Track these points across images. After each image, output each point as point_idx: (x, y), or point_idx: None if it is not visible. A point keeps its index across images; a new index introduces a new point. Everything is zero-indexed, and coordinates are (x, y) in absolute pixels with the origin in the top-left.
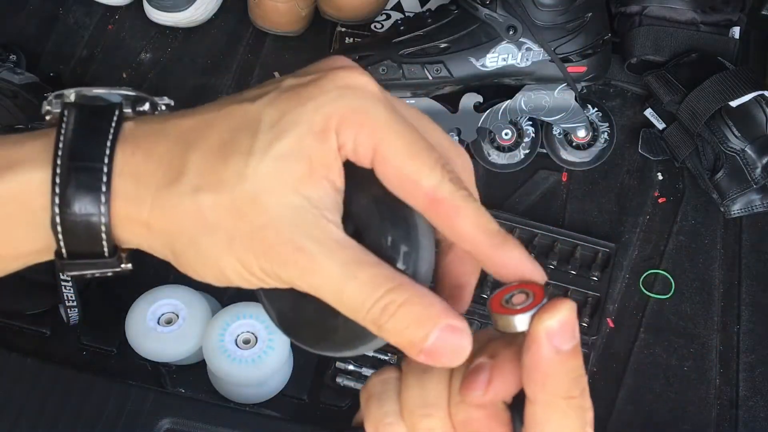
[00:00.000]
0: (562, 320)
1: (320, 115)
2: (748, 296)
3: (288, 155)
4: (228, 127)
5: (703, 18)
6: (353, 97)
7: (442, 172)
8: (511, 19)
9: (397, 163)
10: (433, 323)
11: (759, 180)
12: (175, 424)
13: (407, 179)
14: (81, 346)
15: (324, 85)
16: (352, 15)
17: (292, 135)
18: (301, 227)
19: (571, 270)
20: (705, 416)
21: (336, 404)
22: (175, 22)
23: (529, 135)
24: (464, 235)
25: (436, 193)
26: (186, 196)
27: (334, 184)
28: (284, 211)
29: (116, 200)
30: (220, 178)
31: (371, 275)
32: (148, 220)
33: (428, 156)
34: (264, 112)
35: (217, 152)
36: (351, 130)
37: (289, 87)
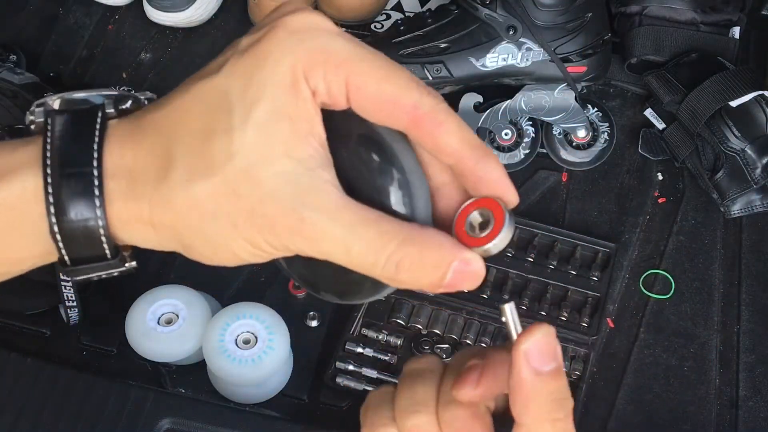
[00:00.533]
0: (538, 342)
1: (284, 68)
2: (748, 296)
3: (267, 120)
4: (202, 109)
5: (703, 18)
6: (309, 38)
7: (419, 89)
8: (511, 19)
9: (373, 88)
10: (447, 264)
11: (759, 180)
12: (175, 424)
13: (386, 101)
14: (81, 346)
15: (277, 36)
16: (352, 15)
17: (265, 98)
18: (299, 195)
19: (571, 270)
20: (705, 416)
21: (336, 404)
22: (175, 22)
23: (529, 135)
24: (448, 148)
25: (417, 109)
26: (180, 188)
27: (319, 137)
28: (279, 180)
29: (114, 202)
30: (209, 163)
31: (376, 233)
32: (150, 218)
33: (402, 74)
34: (230, 84)
35: (199, 138)
36: (318, 72)
37: (246, 47)
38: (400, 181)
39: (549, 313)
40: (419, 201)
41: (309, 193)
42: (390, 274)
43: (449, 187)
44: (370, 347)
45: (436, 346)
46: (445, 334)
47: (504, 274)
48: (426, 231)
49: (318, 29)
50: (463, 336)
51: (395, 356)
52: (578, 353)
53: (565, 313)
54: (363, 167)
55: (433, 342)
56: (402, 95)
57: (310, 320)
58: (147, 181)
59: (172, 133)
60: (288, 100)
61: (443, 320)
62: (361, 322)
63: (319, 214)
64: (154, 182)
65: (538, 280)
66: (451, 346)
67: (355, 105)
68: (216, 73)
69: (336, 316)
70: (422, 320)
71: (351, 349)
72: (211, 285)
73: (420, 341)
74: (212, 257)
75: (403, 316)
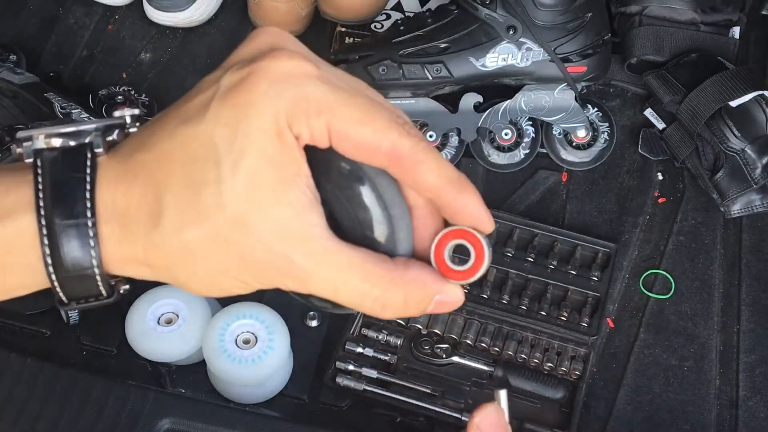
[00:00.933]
0: (489, 416)
1: (268, 119)
2: (748, 296)
3: (256, 170)
4: (188, 159)
5: (703, 18)
6: (290, 87)
7: (398, 129)
8: (511, 19)
9: (353, 134)
10: (430, 299)
11: (759, 180)
12: (175, 424)
13: (366, 146)
14: (81, 346)
15: (258, 85)
16: (352, 15)
17: (252, 149)
18: (290, 241)
19: (571, 270)
20: (705, 416)
21: (336, 404)
22: (175, 22)
23: (529, 135)
24: (427, 185)
25: (396, 150)
26: (172, 236)
27: (306, 177)
28: (270, 227)
29: (108, 245)
30: (198, 213)
31: (362, 277)
32: (145, 259)
33: (380, 117)
34: (216, 134)
35: (187, 188)
36: (301, 120)
37: (226, 91)
38: (383, 214)
39: (549, 313)
40: (401, 233)
41: (298, 237)
42: (377, 312)
43: (426, 211)
44: (370, 347)
45: (436, 346)
46: (445, 334)
47: (504, 274)
48: (409, 269)
49: (297, 75)
50: (462, 336)
51: (395, 356)
52: (578, 353)
53: (565, 313)
54: (346, 200)
55: (433, 342)
56: (381, 139)
57: (310, 320)
58: (139, 226)
59: (160, 181)
60: (274, 148)
61: (443, 320)
62: (361, 322)
63: (307, 258)
64: (145, 228)
65: (538, 280)
66: (451, 346)
67: (337, 147)
68: (199, 118)
69: (336, 316)
70: (422, 320)
71: (351, 349)
72: None
73: (420, 341)
74: (204, 292)
75: None
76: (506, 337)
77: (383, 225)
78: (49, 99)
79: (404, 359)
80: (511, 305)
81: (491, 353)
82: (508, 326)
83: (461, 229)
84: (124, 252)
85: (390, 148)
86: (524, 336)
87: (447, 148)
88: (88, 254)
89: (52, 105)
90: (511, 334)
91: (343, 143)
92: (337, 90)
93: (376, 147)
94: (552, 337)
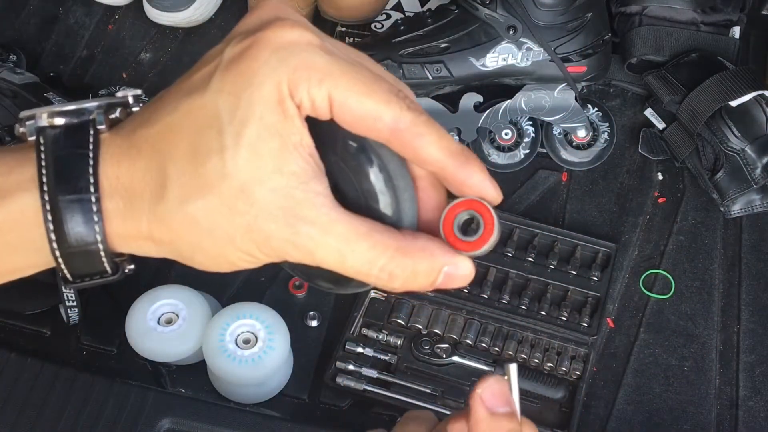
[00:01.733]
0: (491, 387)
1: (270, 87)
2: (748, 296)
3: (258, 139)
4: (192, 129)
5: (703, 18)
6: (292, 55)
7: (399, 103)
8: (511, 19)
9: (354, 105)
10: (438, 271)
11: (759, 180)
12: (175, 424)
13: (367, 117)
14: (81, 346)
15: (260, 53)
16: (352, 15)
17: (254, 118)
18: (293, 210)
19: (571, 270)
20: (705, 416)
21: (336, 404)
22: (174, 22)
23: (529, 135)
24: (430, 158)
25: (397, 124)
26: (176, 207)
27: (309, 147)
28: (274, 197)
29: (113, 221)
30: (203, 183)
31: (369, 246)
32: (149, 234)
33: (381, 89)
34: (219, 104)
35: (191, 158)
36: (303, 88)
37: (229, 62)
38: (387, 185)
39: (549, 313)
40: (405, 204)
41: (303, 207)
42: (383, 283)
43: (428, 182)
44: (370, 347)
45: (436, 346)
46: (445, 334)
47: (504, 274)
48: (417, 239)
49: (300, 44)
50: (462, 336)
51: (395, 356)
52: (578, 353)
53: (565, 312)
54: (351, 172)
55: (433, 342)
56: (382, 110)
57: (310, 320)
58: (143, 200)
59: (164, 153)
60: (276, 117)
61: (443, 320)
62: (361, 321)
63: (313, 227)
64: (150, 201)
65: (538, 280)
66: (451, 346)
67: (338, 118)
68: (203, 89)
69: (336, 316)
70: (422, 320)
71: (351, 349)
72: (211, 285)
73: (420, 341)
74: (210, 266)
75: (403, 315)
76: (506, 337)
77: (388, 196)
78: (49, 99)
79: (404, 359)
80: (511, 305)
81: (491, 353)
82: (508, 326)
83: (470, 200)
84: (129, 227)
85: (391, 121)
86: (524, 336)
87: None
88: (92, 230)
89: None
90: (511, 334)
91: (345, 114)
92: (339, 60)
93: (377, 119)
94: (552, 337)
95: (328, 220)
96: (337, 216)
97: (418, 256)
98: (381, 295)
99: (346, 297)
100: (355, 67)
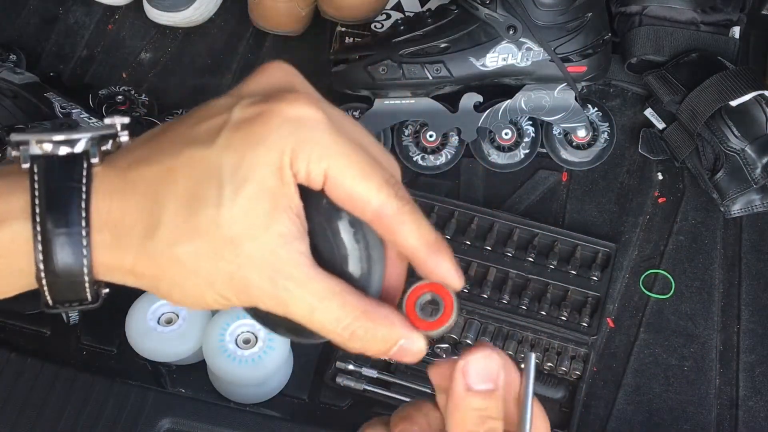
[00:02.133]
0: (476, 362)
1: (274, 154)
2: (748, 296)
3: (254, 198)
4: (192, 178)
5: (703, 18)
6: (301, 130)
7: (389, 190)
8: (511, 18)
9: (347, 185)
10: (394, 341)
11: (759, 180)
12: (175, 424)
13: (357, 199)
14: (81, 346)
15: (271, 121)
16: (352, 15)
17: (254, 179)
18: (277, 266)
19: (571, 270)
20: (705, 416)
21: (336, 404)
22: (174, 22)
23: (529, 135)
24: (407, 245)
25: (383, 209)
26: (166, 248)
27: (297, 210)
28: (260, 252)
29: (98, 252)
30: (195, 228)
31: (339, 305)
32: (132, 267)
33: (375, 175)
34: (223, 160)
35: (187, 205)
36: (303, 161)
37: (239, 122)
38: (362, 253)
39: (549, 312)
40: (376, 274)
41: (285, 263)
42: (343, 341)
43: (397, 256)
44: None
45: (436, 346)
46: (445, 334)
47: (504, 274)
48: (381, 307)
49: (308, 120)
50: (462, 336)
51: None
52: (578, 353)
53: (565, 313)
54: (331, 236)
55: (434, 342)
56: (372, 195)
57: None
58: (132, 236)
59: (160, 195)
60: (274, 182)
61: None
62: None
63: (293, 282)
64: (139, 238)
65: (538, 280)
66: (451, 346)
67: (329, 192)
68: (210, 142)
69: None
70: None
71: None
72: None
73: None
74: (183, 303)
75: None
76: (506, 337)
77: (361, 263)
78: (49, 99)
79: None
80: (511, 305)
81: None
82: (508, 326)
83: (436, 284)
84: (113, 260)
85: (378, 206)
86: (524, 336)
87: (447, 148)
88: (80, 261)
89: (52, 105)
90: (511, 334)
91: (337, 191)
92: (343, 141)
93: (366, 201)
94: (552, 337)
95: (306, 277)
96: (314, 274)
97: (380, 322)
98: None
99: None
100: (355, 150)
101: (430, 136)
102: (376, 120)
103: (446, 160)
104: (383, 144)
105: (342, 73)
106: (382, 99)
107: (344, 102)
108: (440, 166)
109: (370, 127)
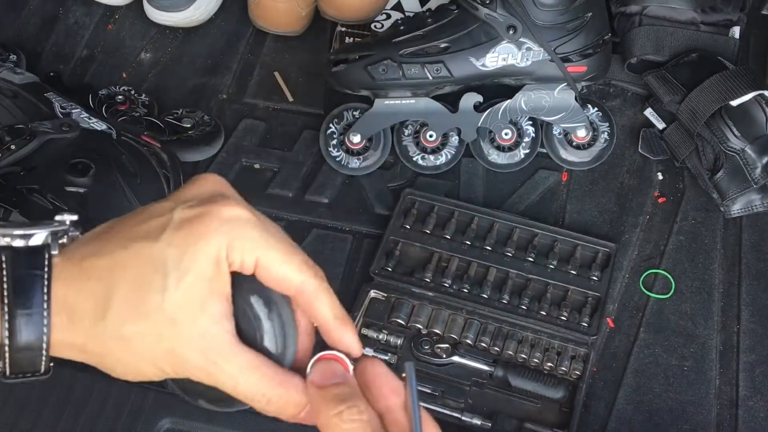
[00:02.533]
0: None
1: (213, 249)
2: (748, 296)
3: (193, 285)
4: (139, 268)
5: (703, 18)
6: (235, 228)
7: (308, 272)
8: (511, 18)
9: (274, 269)
10: (303, 405)
11: (759, 180)
12: (175, 424)
13: (283, 279)
14: None
15: (210, 221)
16: (352, 15)
17: (195, 270)
18: (208, 342)
19: (571, 270)
20: (705, 416)
21: None
22: (174, 22)
23: (529, 135)
24: (320, 317)
25: (303, 286)
26: (115, 329)
27: (227, 294)
28: (196, 330)
29: (56, 331)
30: (141, 312)
31: (259, 377)
32: (83, 346)
33: (297, 260)
34: (167, 253)
35: (135, 292)
36: (237, 253)
37: (180, 222)
38: (279, 331)
39: (549, 312)
40: (290, 348)
41: (215, 340)
42: (261, 406)
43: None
44: (370, 347)
45: (436, 346)
46: (445, 334)
47: (504, 273)
48: (293, 377)
49: (240, 220)
50: (462, 336)
51: (395, 356)
52: (578, 353)
53: (565, 313)
54: (252, 315)
55: (433, 342)
56: (294, 276)
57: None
58: (85, 319)
59: (111, 283)
60: (211, 271)
61: (443, 320)
62: (361, 322)
63: (222, 358)
64: (91, 321)
65: (538, 280)
66: (451, 346)
67: (259, 276)
68: (154, 238)
69: None
70: (422, 320)
71: None
72: None
73: (420, 341)
74: (124, 376)
75: (403, 315)
76: (506, 337)
77: (277, 339)
78: (49, 99)
79: (404, 359)
80: (511, 305)
81: (491, 353)
82: (508, 326)
83: (335, 354)
84: (67, 338)
85: (299, 284)
86: (524, 336)
87: (447, 147)
88: (40, 340)
89: (52, 105)
90: (511, 334)
91: (266, 274)
92: (268, 236)
93: (289, 280)
94: (552, 336)
95: (231, 353)
96: (239, 350)
97: (292, 390)
98: (381, 295)
99: (347, 296)
100: (279, 241)
101: (430, 136)
102: (376, 120)
103: (446, 160)
104: (383, 144)
105: (342, 73)
106: (382, 99)
107: (344, 102)
108: (440, 166)
109: (370, 127)
